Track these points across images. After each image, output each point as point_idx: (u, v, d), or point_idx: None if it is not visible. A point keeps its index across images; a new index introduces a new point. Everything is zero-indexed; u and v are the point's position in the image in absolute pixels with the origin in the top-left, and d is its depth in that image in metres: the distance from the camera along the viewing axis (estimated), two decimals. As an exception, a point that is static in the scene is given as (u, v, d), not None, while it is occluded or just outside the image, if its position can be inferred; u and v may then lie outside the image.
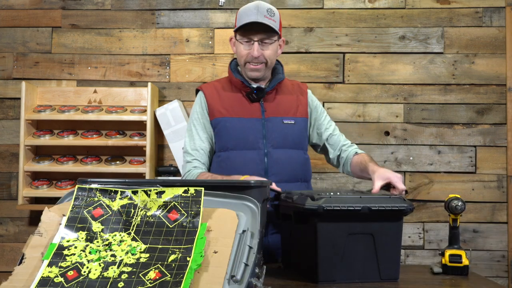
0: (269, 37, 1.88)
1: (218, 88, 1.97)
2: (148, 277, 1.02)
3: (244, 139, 1.87)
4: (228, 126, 1.89)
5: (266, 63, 1.91)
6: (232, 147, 1.87)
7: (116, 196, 1.18)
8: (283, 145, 1.90)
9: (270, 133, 1.89)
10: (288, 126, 1.92)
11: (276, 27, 1.88)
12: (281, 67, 2.05)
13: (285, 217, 1.56)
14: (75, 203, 1.17)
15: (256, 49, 1.86)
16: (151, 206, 1.17)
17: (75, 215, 1.15)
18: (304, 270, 1.47)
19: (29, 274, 1.05)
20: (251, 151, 1.86)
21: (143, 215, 1.15)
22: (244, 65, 1.92)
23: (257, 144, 1.87)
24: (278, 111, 1.93)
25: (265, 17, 1.84)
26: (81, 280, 1.03)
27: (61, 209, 1.18)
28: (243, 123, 1.88)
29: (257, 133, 1.88)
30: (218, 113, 1.91)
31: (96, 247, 1.10)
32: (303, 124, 1.97)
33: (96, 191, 1.19)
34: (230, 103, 1.92)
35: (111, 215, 1.16)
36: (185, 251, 1.07)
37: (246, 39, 1.88)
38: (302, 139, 1.97)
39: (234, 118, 1.89)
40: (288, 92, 1.99)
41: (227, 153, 1.88)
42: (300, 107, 1.98)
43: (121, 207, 1.17)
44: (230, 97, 1.93)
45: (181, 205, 1.16)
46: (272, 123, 1.90)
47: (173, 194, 1.17)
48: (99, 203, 1.18)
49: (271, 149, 1.87)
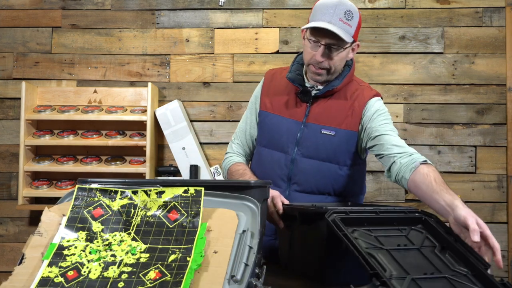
0: (338, 44, 1.67)
1: (277, 79, 1.87)
2: (148, 277, 1.02)
3: (276, 139, 1.79)
4: (267, 121, 1.82)
5: (329, 70, 1.73)
6: (265, 144, 1.82)
7: (116, 196, 1.18)
8: (314, 155, 1.74)
9: (303, 140, 1.75)
10: (325, 137, 1.74)
11: (350, 33, 1.66)
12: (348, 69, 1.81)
13: (287, 218, 1.56)
14: (75, 203, 1.17)
15: (320, 53, 1.68)
16: (151, 206, 1.17)
17: (75, 215, 1.15)
18: (308, 271, 1.46)
19: (29, 274, 1.05)
20: (279, 154, 1.78)
21: (143, 215, 1.15)
22: (307, 65, 1.77)
23: (287, 148, 1.77)
24: (321, 118, 1.75)
25: (340, 21, 1.63)
26: (81, 280, 1.03)
27: (61, 209, 1.18)
28: (280, 122, 1.79)
29: (291, 136, 1.76)
30: (264, 106, 1.84)
31: (96, 247, 1.10)
32: (346, 137, 1.75)
33: (96, 191, 1.19)
34: (278, 98, 1.82)
35: (111, 215, 1.15)
36: (185, 251, 1.07)
37: (314, 39, 1.68)
38: (339, 152, 1.75)
39: (274, 115, 1.80)
40: (344, 98, 1.78)
41: (260, 148, 1.85)
42: (350, 118, 1.75)
43: (121, 207, 1.17)
44: (282, 92, 1.83)
45: (181, 205, 1.16)
46: (309, 130, 1.75)
47: (173, 194, 1.17)
48: (99, 203, 1.18)
49: (299, 157, 1.75)
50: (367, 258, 1.12)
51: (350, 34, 1.67)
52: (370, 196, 3.10)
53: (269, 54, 3.18)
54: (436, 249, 1.27)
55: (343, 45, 1.68)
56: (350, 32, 1.67)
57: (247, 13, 3.20)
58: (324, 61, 1.70)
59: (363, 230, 1.29)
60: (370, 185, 3.11)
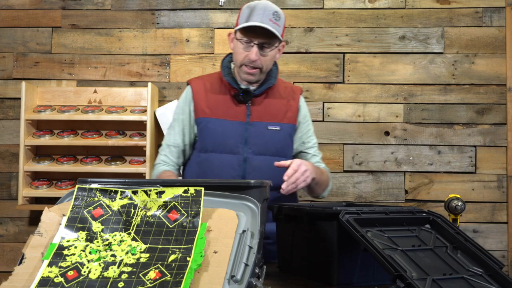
0: (270, 43, 1.79)
1: (207, 85, 1.91)
2: (148, 277, 1.02)
3: (223, 142, 1.82)
4: (209, 127, 1.84)
5: (262, 69, 1.82)
6: (212, 149, 1.83)
7: (116, 196, 1.18)
8: (265, 151, 1.83)
9: (252, 138, 1.83)
10: (272, 133, 1.85)
11: (279, 32, 1.78)
12: (276, 69, 1.95)
13: (289, 219, 1.55)
14: (75, 203, 1.17)
15: (255, 52, 1.77)
16: (151, 206, 1.17)
17: (75, 215, 1.15)
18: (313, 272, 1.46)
19: (29, 274, 1.05)
20: (230, 155, 1.81)
21: (143, 215, 1.15)
22: (239, 67, 1.84)
23: (237, 149, 1.82)
24: (264, 116, 1.85)
25: (270, 21, 1.74)
26: (81, 280, 1.03)
27: (61, 209, 1.18)
28: (225, 125, 1.82)
29: (238, 137, 1.82)
30: (202, 112, 1.85)
31: (96, 247, 1.10)
32: (289, 131, 1.89)
33: (96, 191, 1.19)
34: (216, 103, 1.86)
35: (111, 215, 1.15)
36: (185, 251, 1.07)
37: (246, 39, 1.78)
38: (286, 146, 1.89)
39: (216, 119, 1.83)
40: (278, 96, 1.91)
41: (206, 154, 1.84)
42: (289, 113, 1.90)
43: (121, 207, 1.17)
44: (217, 97, 1.87)
45: (181, 205, 1.16)
46: (256, 128, 1.83)
47: (173, 194, 1.17)
48: (99, 203, 1.18)
49: (251, 155, 1.82)
50: (389, 260, 1.12)
51: (280, 33, 1.77)
52: (370, 196, 3.11)
53: (269, 54, 3.18)
54: (448, 249, 1.28)
55: (275, 43, 1.80)
56: (279, 32, 1.77)
57: (247, 13, 3.19)
58: (258, 60, 1.78)
59: (376, 231, 1.30)
60: (370, 185, 3.11)
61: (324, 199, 3.09)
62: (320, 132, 3.13)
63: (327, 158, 3.11)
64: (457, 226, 1.71)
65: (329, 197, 3.09)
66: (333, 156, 3.12)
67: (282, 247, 1.63)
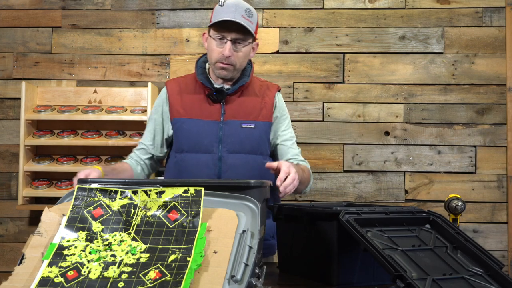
0: (244, 39, 1.80)
1: (182, 86, 1.91)
2: (148, 277, 1.02)
3: (198, 142, 1.82)
4: (184, 127, 1.84)
5: (235, 66, 1.82)
6: (187, 149, 1.83)
7: (116, 196, 1.18)
8: (240, 150, 1.82)
9: (226, 137, 1.82)
10: (246, 130, 1.84)
11: (252, 29, 1.79)
12: (250, 67, 1.94)
13: (289, 219, 1.55)
14: (75, 203, 1.17)
15: (228, 48, 1.77)
16: (151, 206, 1.16)
17: (75, 215, 1.15)
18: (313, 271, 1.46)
19: (29, 274, 1.05)
20: (205, 155, 1.81)
21: (143, 215, 1.15)
22: (214, 64, 1.83)
23: (211, 148, 1.82)
24: (238, 114, 1.85)
25: (243, 17, 1.76)
26: (81, 280, 1.03)
27: (61, 209, 1.18)
28: (199, 125, 1.83)
29: (213, 136, 1.82)
30: (176, 113, 1.86)
31: (96, 247, 1.10)
32: (264, 128, 1.88)
33: (96, 191, 1.19)
34: (190, 103, 1.86)
35: (111, 215, 1.15)
36: (185, 251, 1.07)
37: (220, 36, 1.78)
38: (261, 143, 1.87)
39: (191, 119, 1.84)
40: (253, 94, 1.90)
41: (182, 155, 1.85)
42: (264, 110, 1.89)
43: (121, 207, 1.16)
44: (192, 97, 1.88)
45: (181, 205, 1.16)
46: (230, 127, 1.83)
47: (173, 194, 1.17)
48: (99, 203, 1.17)
49: (225, 154, 1.81)
50: (389, 260, 1.13)
51: (253, 30, 1.79)
52: (370, 196, 3.11)
53: (269, 54, 3.18)
54: (448, 249, 1.29)
55: (248, 40, 1.81)
56: (252, 28, 1.79)
57: (247, 13, 3.19)
58: (231, 56, 1.79)
59: (376, 231, 1.30)
60: (370, 185, 3.11)
61: (324, 199, 3.10)
62: (320, 132, 3.13)
63: (327, 158, 3.11)
64: (457, 226, 1.71)
65: (329, 197, 3.10)
66: (333, 156, 3.12)
67: (282, 247, 1.63)
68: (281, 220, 1.61)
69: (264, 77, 2.40)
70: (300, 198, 3.11)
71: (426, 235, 1.34)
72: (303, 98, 3.15)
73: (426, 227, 1.38)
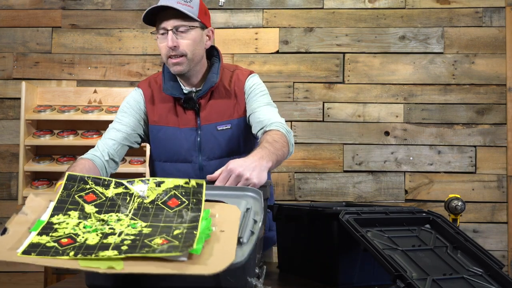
0: (184, 25, 1.64)
1: (154, 91, 1.77)
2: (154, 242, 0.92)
3: (176, 151, 1.72)
4: (160, 136, 1.74)
5: (187, 55, 1.66)
6: (165, 158, 1.75)
7: (110, 185, 1.09)
8: (219, 155, 1.71)
9: (204, 144, 1.71)
10: (223, 133, 1.72)
11: (193, 13, 1.64)
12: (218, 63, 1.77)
13: (289, 219, 1.55)
14: (65, 190, 1.06)
15: (170, 38, 1.62)
16: (149, 195, 1.07)
17: (65, 199, 1.04)
18: (313, 272, 1.46)
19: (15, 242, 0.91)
20: (185, 164, 1.72)
21: (140, 202, 1.06)
22: (167, 62, 1.69)
23: (191, 157, 1.72)
24: (212, 117, 1.72)
25: (178, 3, 1.61)
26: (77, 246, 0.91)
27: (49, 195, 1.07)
28: (176, 134, 1.72)
29: (191, 144, 1.72)
30: (152, 121, 1.74)
31: (90, 223, 0.98)
32: (240, 125, 1.74)
33: (89, 179, 1.09)
34: (164, 111, 1.74)
35: (105, 200, 1.05)
36: (190, 227, 0.96)
37: (162, 30, 1.65)
38: (240, 142, 1.74)
39: (168, 127, 1.73)
40: (225, 92, 1.75)
41: (162, 164, 1.77)
42: (238, 106, 1.74)
43: (115, 195, 1.07)
44: (165, 104, 1.74)
45: (181, 193, 1.07)
46: (206, 132, 1.71)
47: (174, 185, 1.09)
48: (91, 190, 1.07)
49: (205, 162, 1.71)
50: (389, 260, 1.12)
51: (194, 14, 1.64)
52: (370, 196, 3.11)
53: (269, 54, 3.18)
54: (448, 249, 1.29)
55: (190, 24, 1.64)
56: (193, 12, 1.64)
57: (247, 13, 3.20)
58: (177, 45, 1.64)
59: (376, 231, 1.30)
60: (370, 185, 3.11)
61: (324, 199, 3.10)
62: (320, 132, 3.13)
63: (327, 158, 3.11)
64: (457, 226, 1.71)
65: (329, 197, 3.10)
66: (333, 156, 3.12)
67: (282, 247, 1.63)
68: (281, 220, 1.61)
69: (264, 77, 2.38)
70: (300, 198, 3.11)
71: (426, 235, 1.34)
72: (303, 98, 3.15)
73: (426, 227, 1.38)
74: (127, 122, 1.75)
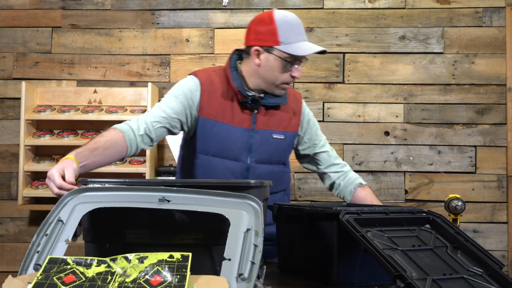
0: None
1: (214, 84, 1.77)
2: None
3: (228, 148, 1.75)
4: (215, 130, 1.75)
5: None
6: (214, 153, 1.76)
7: (92, 263, 1.08)
8: (268, 160, 1.79)
9: (256, 147, 1.77)
10: (276, 141, 1.80)
11: None
12: None
13: (289, 219, 1.55)
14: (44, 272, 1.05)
15: (300, 70, 1.77)
16: (131, 273, 1.06)
17: (43, 282, 1.03)
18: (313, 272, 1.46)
19: None
20: (233, 162, 1.76)
21: (122, 281, 1.04)
22: (277, 84, 1.75)
23: (240, 156, 1.76)
24: (269, 124, 1.79)
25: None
26: None
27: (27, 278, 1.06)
28: (230, 131, 1.75)
29: (243, 144, 1.76)
30: (207, 113, 1.75)
31: None
32: (291, 139, 1.85)
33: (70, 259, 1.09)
34: (222, 106, 1.76)
35: (84, 281, 1.04)
36: None
37: (301, 61, 1.76)
38: (287, 154, 1.88)
39: (223, 123, 1.75)
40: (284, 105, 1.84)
41: (208, 157, 1.77)
42: (293, 121, 1.85)
43: (96, 274, 1.06)
44: (224, 100, 1.76)
45: (165, 269, 1.05)
46: (261, 136, 1.77)
47: (157, 260, 1.07)
48: (71, 271, 1.06)
49: (254, 164, 1.77)
50: (389, 260, 1.12)
51: None
52: (370, 196, 3.10)
53: (269, 54, 3.18)
54: (448, 249, 1.29)
55: None
56: None
57: (247, 13, 3.20)
58: None
59: (376, 231, 1.29)
60: (370, 185, 3.10)
61: (324, 199, 3.10)
62: (320, 132, 3.13)
63: (327, 158, 3.11)
64: (457, 226, 1.71)
65: (329, 197, 3.10)
66: (333, 156, 3.12)
67: (282, 247, 1.63)
68: (281, 220, 1.60)
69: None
70: (300, 198, 3.11)
71: (426, 235, 1.34)
72: (303, 98, 3.15)
73: (426, 227, 1.38)
74: (174, 106, 1.74)
